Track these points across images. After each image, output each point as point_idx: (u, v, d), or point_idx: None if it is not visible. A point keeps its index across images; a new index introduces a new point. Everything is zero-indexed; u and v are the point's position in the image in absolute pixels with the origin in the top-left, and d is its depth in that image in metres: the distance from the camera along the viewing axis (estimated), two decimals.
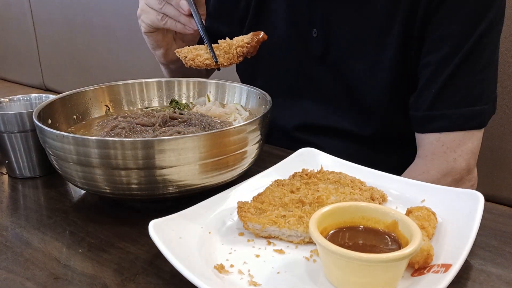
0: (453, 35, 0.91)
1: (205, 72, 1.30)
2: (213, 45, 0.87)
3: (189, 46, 0.89)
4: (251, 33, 0.88)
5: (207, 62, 0.85)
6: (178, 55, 0.88)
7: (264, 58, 1.14)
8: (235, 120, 0.92)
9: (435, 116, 0.94)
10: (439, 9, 0.91)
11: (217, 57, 0.85)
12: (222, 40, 0.88)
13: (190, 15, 0.93)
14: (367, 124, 1.05)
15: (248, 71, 1.22)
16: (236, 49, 0.85)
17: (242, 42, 0.86)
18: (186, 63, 0.86)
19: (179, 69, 1.18)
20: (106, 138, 0.74)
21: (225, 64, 0.86)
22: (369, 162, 0.81)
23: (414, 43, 0.95)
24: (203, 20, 0.94)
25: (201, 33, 0.90)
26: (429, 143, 0.96)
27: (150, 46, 1.08)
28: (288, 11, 1.08)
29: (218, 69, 0.88)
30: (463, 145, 0.94)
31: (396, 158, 1.07)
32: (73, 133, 0.86)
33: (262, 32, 0.88)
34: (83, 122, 0.92)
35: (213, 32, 1.23)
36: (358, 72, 1.02)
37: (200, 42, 1.01)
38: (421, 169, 0.97)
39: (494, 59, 0.95)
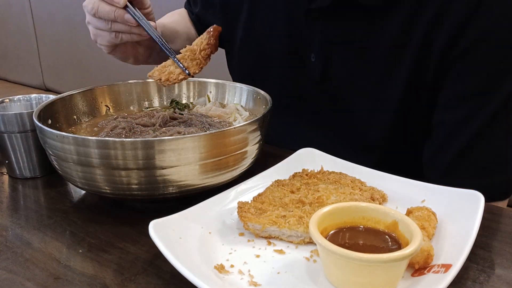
0: (473, 96, 0.83)
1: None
2: (177, 56, 0.86)
3: (157, 66, 0.88)
4: (206, 31, 0.87)
5: (181, 77, 0.85)
6: (152, 79, 0.88)
7: (258, 75, 1.09)
8: (235, 120, 0.92)
9: (452, 184, 0.76)
10: (457, 64, 0.83)
11: (187, 68, 0.85)
12: (183, 49, 0.86)
13: (139, 25, 0.89)
14: (366, 156, 0.95)
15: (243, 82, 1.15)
16: (200, 54, 0.85)
17: (203, 45, 0.85)
18: (162, 84, 0.87)
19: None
20: (106, 138, 0.74)
21: (197, 71, 0.86)
22: None
23: (425, 89, 0.87)
24: (154, 26, 0.91)
25: (163, 48, 0.88)
26: None
27: (120, 59, 1.06)
28: (287, 23, 1.01)
29: (192, 76, 0.87)
30: None
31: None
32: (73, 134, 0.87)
33: (213, 26, 0.87)
34: (83, 123, 0.92)
35: (204, 21, 1.19)
36: (359, 105, 0.96)
37: None
38: None
39: None
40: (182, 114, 0.92)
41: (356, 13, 0.90)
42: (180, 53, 0.86)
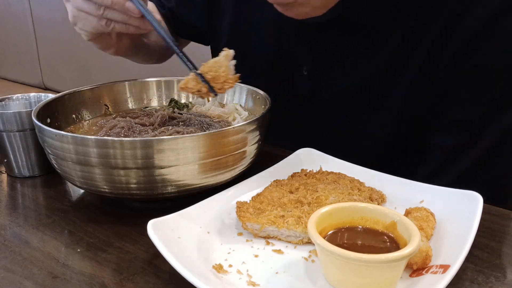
0: (472, 121, 0.81)
1: (165, 53, 1.19)
2: (202, 76, 0.75)
3: (187, 77, 0.77)
4: (223, 56, 0.75)
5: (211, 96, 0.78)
6: (182, 91, 0.83)
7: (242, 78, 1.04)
8: (234, 120, 0.92)
9: None
10: (457, 87, 0.82)
11: (214, 90, 0.76)
12: (204, 66, 0.76)
13: (143, 16, 0.79)
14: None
15: None
16: (223, 84, 0.76)
17: (228, 77, 0.76)
18: (192, 93, 0.78)
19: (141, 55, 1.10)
20: (105, 137, 0.74)
21: (221, 92, 0.77)
22: None
23: (422, 112, 0.86)
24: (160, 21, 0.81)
25: (180, 57, 0.77)
26: None
27: (99, 48, 0.92)
28: (276, 38, 0.96)
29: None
30: None
31: None
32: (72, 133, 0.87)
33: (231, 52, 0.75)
34: (82, 122, 0.92)
35: (179, 18, 1.12)
36: (350, 121, 0.93)
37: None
38: None
39: None
40: (181, 114, 0.92)
41: (351, 29, 0.87)
42: (195, 67, 0.77)
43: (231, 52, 0.74)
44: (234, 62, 0.72)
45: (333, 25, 0.87)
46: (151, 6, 1.13)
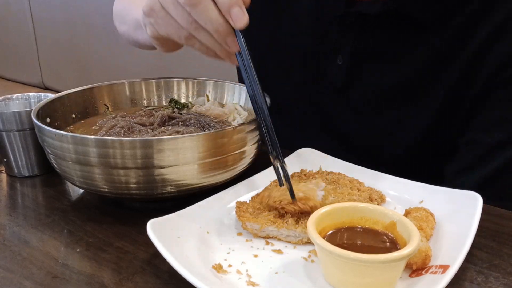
0: (509, 121, 0.81)
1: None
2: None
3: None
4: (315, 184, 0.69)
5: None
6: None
7: (278, 72, 0.99)
8: (234, 120, 0.92)
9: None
10: (501, 88, 0.80)
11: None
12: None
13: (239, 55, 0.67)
14: (378, 167, 0.87)
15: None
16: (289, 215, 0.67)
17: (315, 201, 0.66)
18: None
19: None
20: (105, 137, 0.74)
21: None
22: None
23: (460, 113, 0.84)
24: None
25: (267, 139, 0.66)
26: None
27: (155, 45, 0.79)
28: (314, 26, 0.92)
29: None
30: None
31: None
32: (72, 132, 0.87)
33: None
34: (82, 121, 0.92)
35: None
36: (380, 119, 0.90)
37: None
38: None
39: None
40: (181, 114, 0.92)
41: (401, 23, 0.84)
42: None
43: (322, 183, 0.69)
44: (323, 193, 0.67)
45: (382, 16, 0.84)
46: None
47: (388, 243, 0.57)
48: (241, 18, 0.62)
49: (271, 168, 0.78)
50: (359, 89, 0.91)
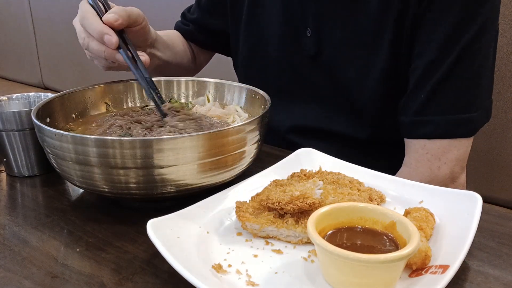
0: (441, 39, 0.89)
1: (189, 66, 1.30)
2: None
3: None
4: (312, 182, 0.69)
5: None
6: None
7: (257, 57, 1.15)
8: (233, 121, 0.92)
9: (421, 122, 0.93)
10: (427, 12, 0.90)
11: None
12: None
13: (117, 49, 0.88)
14: (359, 128, 1.05)
15: (243, 71, 1.22)
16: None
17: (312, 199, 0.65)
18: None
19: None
20: (105, 137, 0.74)
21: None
22: (363, 165, 0.80)
23: (405, 48, 0.94)
24: (146, 63, 0.90)
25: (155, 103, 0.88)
26: (414, 150, 0.95)
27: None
28: (282, 7, 1.07)
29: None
30: (448, 152, 0.92)
31: (389, 163, 1.04)
32: (72, 130, 0.87)
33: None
34: (81, 119, 0.92)
35: (204, 27, 1.26)
36: (350, 74, 1.02)
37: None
38: (405, 177, 0.93)
39: (487, 65, 0.92)
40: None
41: None
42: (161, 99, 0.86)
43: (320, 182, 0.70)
44: (321, 191, 0.69)
45: None
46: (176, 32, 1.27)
47: (388, 243, 0.57)
48: (109, 43, 0.87)
49: (271, 168, 0.79)
50: (326, 52, 1.04)
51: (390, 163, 1.03)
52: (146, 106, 1.01)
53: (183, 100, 1.02)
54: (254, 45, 1.15)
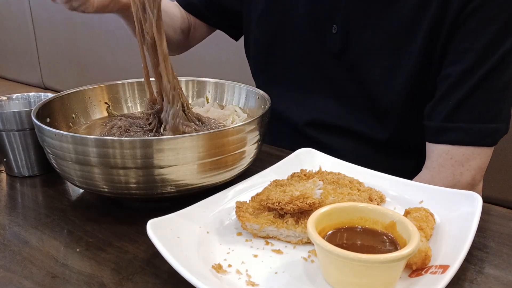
0: (477, 49, 0.89)
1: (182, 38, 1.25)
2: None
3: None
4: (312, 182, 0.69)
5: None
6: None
7: (277, 46, 1.12)
8: (233, 122, 0.92)
9: (450, 128, 0.92)
10: (466, 21, 0.89)
11: None
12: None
13: None
14: (380, 128, 1.03)
15: (261, 60, 1.18)
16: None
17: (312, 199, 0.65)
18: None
19: None
20: (105, 137, 0.74)
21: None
22: (379, 166, 0.80)
23: (437, 54, 0.93)
24: None
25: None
26: (438, 155, 0.94)
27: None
28: (310, 1, 1.05)
29: None
30: (472, 160, 0.92)
31: (408, 165, 1.05)
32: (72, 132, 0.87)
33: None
34: (82, 122, 0.92)
35: (216, 1, 1.21)
36: (375, 75, 1.00)
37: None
38: (426, 180, 0.95)
39: None
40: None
41: None
42: None
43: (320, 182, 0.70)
44: (321, 191, 0.68)
45: None
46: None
47: (387, 243, 0.57)
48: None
49: (271, 168, 0.79)
50: (352, 52, 1.01)
51: (406, 165, 1.02)
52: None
53: None
54: (273, 32, 1.11)
